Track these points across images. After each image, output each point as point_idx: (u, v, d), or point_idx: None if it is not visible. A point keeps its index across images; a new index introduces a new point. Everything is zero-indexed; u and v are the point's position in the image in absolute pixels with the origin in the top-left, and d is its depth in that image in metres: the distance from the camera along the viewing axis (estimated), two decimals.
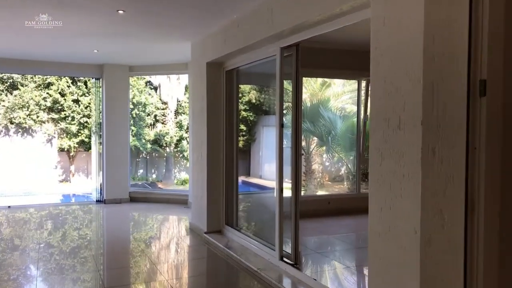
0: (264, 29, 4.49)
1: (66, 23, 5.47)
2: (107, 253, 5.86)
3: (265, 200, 7.41)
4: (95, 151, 9.59)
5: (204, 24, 5.50)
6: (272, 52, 4.76)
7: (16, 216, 7.86)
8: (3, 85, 18.17)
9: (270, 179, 7.84)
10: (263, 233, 5.48)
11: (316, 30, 3.99)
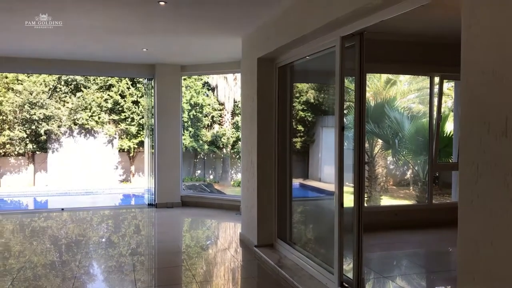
0: (320, 15, 3.84)
1: (107, 20, 5.20)
2: (152, 266, 5.48)
3: (323, 208, 6.72)
4: (147, 154, 9.38)
5: (253, 15, 4.95)
6: (330, 43, 4.09)
7: (74, 218, 7.79)
8: (67, 87, 18.80)
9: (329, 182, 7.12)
10: (320, 250, 4.82)
11: (383, 14, 3.29)
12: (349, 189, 4.02)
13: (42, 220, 7.82)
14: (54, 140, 18.80)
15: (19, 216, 8.35)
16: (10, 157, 18.55)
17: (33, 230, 7.09)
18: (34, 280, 4.70)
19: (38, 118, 17.84)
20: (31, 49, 7.23)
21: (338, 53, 3.94)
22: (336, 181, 4.01)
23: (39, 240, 6.42)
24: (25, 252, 5.73)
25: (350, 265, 4.03)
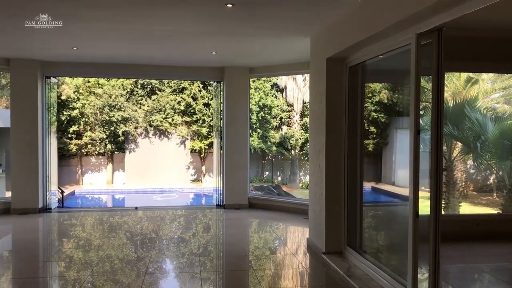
0: (394, 12, 3.61)
1: (178, 24, 5.31)
2: (220, 267, 5.51)
3: (396, 214, 6.37)
4: (216, 155, 9.52)
5: (323, 14, 4.79)
6: (405, 40, 3.84)
7: (148, 216, 8.10)
8: (143, 90, 19.71)
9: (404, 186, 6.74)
10: (392, 260, 4.55)
11: (466, 7, 3.00)
12: (425, 194, 3.75)
13: (119, 216, 8.20)
14: (131, 140, 19.78)
15: (98, 213, 8.84)
16: (91, 156, 19.79)
17: (110, 226, 7.45)
18: (111, 273, 4.92)
19: (116, 120, 18.86)
20: (111, 55, 7.62)
21: (413, 51, 3.68)
22: (411, 186, 3.76)
23: (116, 236, 6.75)
24: (103, 247, 6.05)
25: (425, 278, 3.75)
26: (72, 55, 7.58)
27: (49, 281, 4.84)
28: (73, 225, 7.61)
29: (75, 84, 18.67)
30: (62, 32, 5.79)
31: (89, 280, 4.67)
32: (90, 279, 4.68)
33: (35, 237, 6.98)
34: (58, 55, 7.69)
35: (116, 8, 4.64)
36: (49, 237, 7.07)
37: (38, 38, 6.23)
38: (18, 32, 5.80)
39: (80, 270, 5.01)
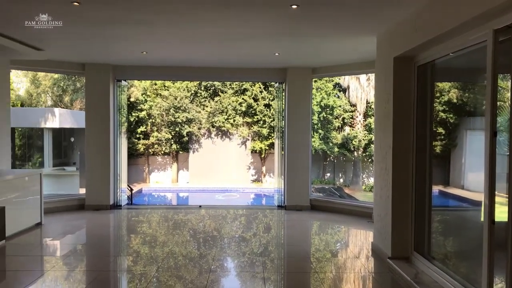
0: (470, 7, 3.41)
1: (242, 26, 5.37)
2: (281, 268, 5.51)
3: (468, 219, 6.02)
4: (277, 155, 9.53)
5: (390, 11, 4.64)
6: (481, 37, 3.62)
7: (210, 214, 8.29)
8: (207, 92, 20.20)
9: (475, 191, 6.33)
10: (463, 268, 4.31)
11: None
12: (500, 199, 3.51)
13: (183, 214, 8.45)
14: (194, 141, 20.36)
15: (164, 210, 9.16)
16: (158, 156, 20.60)
17: (175, 223, 7.69)
18: (175, 269, 5.09)
19: (181, 121, 19.49)
20: (177, 59, 7.88)
21: (490, 48, 3.46)
22: (487, 191, 3.53)
23: (180, 233, 6.96)
24: (168, 243, 6.26)
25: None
26: (141, 59, 7.92)
27: (119, 275, 5.08)
28: (140, 221, 7.94)
29: (143, 86, 19.55)
30: (133, 38, 6.08)
31: (154, 275, 4.85)
32: (156, 274, 4.86)
33: (107, 232, 7.38)
34: (128, 60, 8.08)
35: (182, 13, 4.78)
36: (119, 233, 7.44)
37: (112, 44, 6.58)
38: (95, 38, 6.16)
39: (146, 265, 5.22)
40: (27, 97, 21.94)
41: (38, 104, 22.04)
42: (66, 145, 20.28)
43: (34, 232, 6.70)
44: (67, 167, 18.62)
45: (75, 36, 5.98)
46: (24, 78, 21.72)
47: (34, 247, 6.08)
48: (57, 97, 22.23)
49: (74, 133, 19.53)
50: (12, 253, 5.65)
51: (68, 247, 6.25)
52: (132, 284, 4.72)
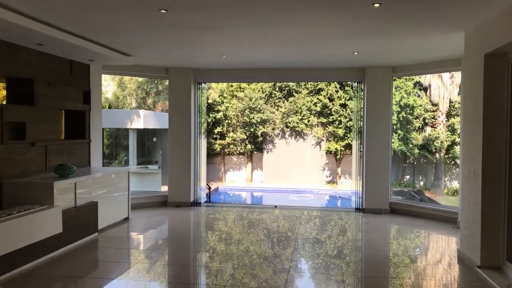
0: None
1: (319, 27, 5.32)
2: (358, 271, 5.39)
3: None
4: (355, 156, 9.32)
5: (481, 5, 4.34)
6: None
7: (284, 215, 8.33)
8: (281, 93, 20.28)
9: None
10: None
11: None
12: None
13: (257, 213, 8.56)
14: (268, 141, 20.54)
15: (238, 209, 9.35)
16: (233, 155, 21.07)
17: (250, 222, 7.82)
18: (250, 268, 5.17)
19: (256, 121, 19.77)
20: (254, 61, 8.01)
21: None
22: None
23: (255, 232, 7.07)
24: (243, 241, 6.39)
25: None
26: (220, 62, 8.16)
27: (198, 270, 5.27)
28: (217, 219, 8.18)
29: (220, 88, 20.11)
30: (214, 42, 6.28)
31: (230, 272, 4.96)
32: (231, 272, 4.97)
33: (187, 228, 7.69)
34: (208, 63, 8.36)
35: (261, 15, 4.84)
36: (197, 229, 7.72)
37: (194, 48, 6.84)
38: (178, 44, 6.45)
39: (222, 262, 5.37)
40: (114, 99, 23.51)
41: (124, 106, 23.52)
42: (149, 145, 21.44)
43: (122, 226, 7.16)
44: (149, 166, 19.68)
45: (161, 42, 6.31)
46: (112, 82, 23.30)
47: (122, 240, 6.49)
48: (141, 100, 23.57)
49: (156, 133, 20.59)
50: (103, 245, 6.09)
51: (151, 241, 6.60)
52: (209, 280, 4.87)
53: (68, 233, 5.60)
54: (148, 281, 4.85)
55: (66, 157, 6.76)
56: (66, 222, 5.47)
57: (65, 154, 6.74)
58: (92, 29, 5.49)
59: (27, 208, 4.96)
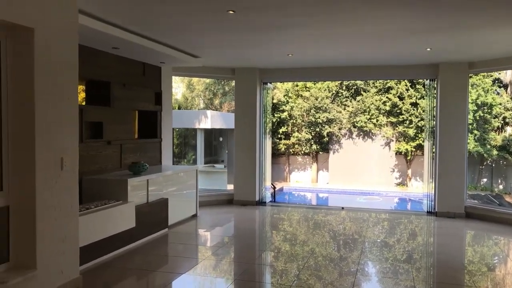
0: None
1: (390, 23, 5.13)
2: (430, 278, 5.13)
3: None
4: (427, 158, 8.89)
5: None
6: None
7: (351, 217, 8.15)
8: (348, 91, 19.87)
9: None
10: None
11: None
12: None
13: (323, 215, 8.44)
14: (334, 141, 20.21)
15: (303, 210, 9.28)
16: (298, 156, 20.97)
17: (315, 223, 7.73)
18: (315, 269, 5.11)
19: (321, 121, 19.53)
20: (320, 59, 7.92)
21: None
22: None
23: (320, 233, 6.98)
24: (308, 242, 6.34)
25: None
26: (286, 62, 8.15)
27: (263, 269, 5.29)
28: (281, 219, 8.18)
29: (285, 88, 20.10)
30: (281, 41, 6.29)
31: (295, 273, 4.93)
32: (296, 272, 4.94)
33: (252, 227, 7.77)
34: (274, 63, 8.39)
35: (329, 13, 4.77)
36: (262, 228, 7.77)
37: (260, 49, 6.90)
38: (245, 44, 6.53)
39: (287, 262, 5.35)
40: (183, 100, 24.35)
41: (192, 107, 24.28)
42: (215, 144, 21.96)
43: (190, 223, 7.38)
44: (216, 165, 20.15)
45: (228, 42, 6.42)
46: (181, 83, 24.15)
47: (191, 237, 6.69)
48: (208, 100, 24.21)
49: (223, 133, 21.03)
50: (173, 241, 6.32)
51: (218, 238, 6.75)
52: (274, 279, 4.88)
53: (141, 228, 5.87)
54: (215, 277, 4.96)
55: (139, 156, 7.09)
56: (139, 217, 5.74)
57: (138, 152, 7.07)
58: (163, 32, 5.72)
59: (104, 203, 5.27)
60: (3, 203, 3.63)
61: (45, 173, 3.77)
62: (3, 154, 3.64)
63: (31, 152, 3.66)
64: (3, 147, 3.63)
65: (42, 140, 3.73)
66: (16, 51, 3.65)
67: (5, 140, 3.64)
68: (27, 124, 3.67)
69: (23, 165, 3.69)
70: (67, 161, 4.01)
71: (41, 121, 3.71)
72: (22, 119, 3.68)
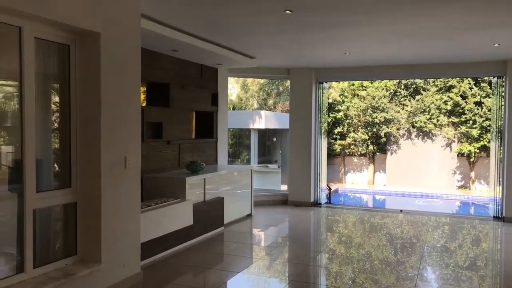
0: None
1: (451, 19, 4.90)
2: (496, 286, 4.84)
3: None
4: (493, 160, 8.40)
5: None
6: None
7: (409, 220, 7.88)
8: (407, 90, 19.21)
9: None
10: None
11: None
12: None
13: (379, 217, 8.21)
14: (392, 142, 19.62)
15: (359, 212, 9.08)
16: (354, 156, 20.57)
17: (371, 226, 7.53)
18: (371, 272, 4.98)
19: (379, 121, 19.03)
20: (378, 58, 7.71)
21: None
22: None
23: (376, 236, 6.79)
24: (364, 245, 6.18)
25: None
26: (342, 61, 8.02)
27: (318, 271, 5.23)
28: (337, 220, 8.05)
29: (341, 87, 19.79)
30: (337, 40, 6.20)
31: (350, 276, 4.85)
32: (352, 276, 4.85)
33: (306, 228, 7.71)
34: (330, 62, 8.28)
35: (388, 10, 4.64)
36: (317, 230, 7.69)
37: (316, 48, 6.84)
38: (301, 44, 6.51)
39: (342, 265, 5.28)
40: (237, 101, 24.66)
41: (247, 107, 24.52)
42: (269, 144, 22.04)
43: (245, 222, 7.45)
44: (270, 165, 20.21)
45: (284, 42, 6.42)
46: (236, 84, 24.46)
47: (246, 236, 6.76)
48: (262, 101, 24.35)
49: (276, 133, 21.07)
50: (228, 239, 6.41)
51: (272, 238, 6.76)
52: (329, 282, 4.82)
53: (198, 225, 6.00)
54: (269, 277, 4.97)
55: (196, 155, 7.27)
56: (196, 215, 5.87)
57: (195, 152, 7.25)
58: (220, 33, 5.82)
59: (163, 200, 5.44)
60: (71, 199, 3.85)
61: (109, 171, 3.95)
62: (71, 152, 3.86)
63: (97, 151, 3.86)
64: (71, 146, 3.85)
65: (107, 139, 3.92)
66: (83, 55, 3.87)
67: (74, 139, 3.86)
68: (93, 124, 3.86)
69: (89, 163, 3.89)
70: (130, 159, 4.18)
71: (106, 121, 3.90)
72: (89, 119, 3.88)
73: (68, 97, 3.83)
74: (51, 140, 3.98)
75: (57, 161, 3.99)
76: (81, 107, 3.88)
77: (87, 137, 3.88)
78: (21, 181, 3.39)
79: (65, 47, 3.79)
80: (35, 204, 3.48)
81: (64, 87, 3.85)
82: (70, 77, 3.83)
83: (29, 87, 3.41)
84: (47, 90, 3.89)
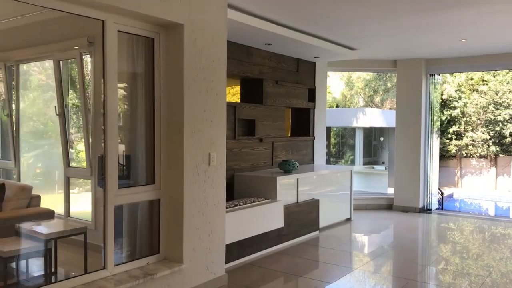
0: None
1: None
2: None
3: None
4: None
5: None
6: None
7: None
8: None
9: None
10: None
11: None
12: None
13: (503, 228, 7.13)
14: None
15: (477, 220, 8.04)
16: (472, 158, 18.61)
17: (492, 236, 6.58)
18: (491, 286, 4.28)
19: (502, 119, 16.95)
20: (499, 44, 6.65)
21: None
22: None
23: (499, 248, 5.86)
24: (483, 257, 5.39)
25: None
26: (458, 49, 7.08)
27: (426, 287, 4.56)
28: (450, 229, 7.16)
29: (457, 82, 18.01)
30: (452, 23, 5.40)
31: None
32: None
33: (414, 236, 6.90)
34: (443, 51, 7.35)
35: None
36: (427, 239, 6.85)
37: (427, 35, 6.07)
38: (408, 31, 5.82)
39: (457, 277, 4.60)
40: (341, 99, 23.85)
41: (351, 105, 23.61)
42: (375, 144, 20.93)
43: (343, 227, 6.91)
44: (376, 166, 19.16)
45: (389, 31, 5.78)
46: (340, 81, 23.67)
47: (343, 242, 6.22)
48: (368, 98, 23.25)
49: (384, 132, 19.91)
50: (323, 245, 5.95)
51: (373, 246, 6.15)
52: None
53: (289, 228, 5.65)
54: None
55: (291, 154, 6.92)
56: (288, 217, 5.53)
57: (290, 150, 6.91)
58: (317, 24, 5.40)
59: (253, 200, 5.19)
60: (154, 196, 3.75)
61: (193, 168, 3.79)
62: (155, 149, 3.76)
63: (180, 148, 3.71)
64: (155, 142, 3.76)
65: (191, 135, 3.75)
66: (167, 47, 3.74)
67: (158, 136, 3.76)
68: (176, 120, 3.72)
69: (173, 160, 3.76)
70: (214, 157, 3.98)
71: (189, 117, 3.73)
72: (173, 115, 3.75)
73: (152, 92, 3.74)
74: (136, 136, 3.92)
75: (141, 157, 3.93)
76: (165, 103, 3.76)
77: (170, 133, 3.76)
78: (103, 178, 3.35)
79: (150, 41, 3.70)
80: (116, 200, 3.42)
81: (148, 82, 3.77)
82: (154, 71, 3.73)
83: (112, 82, 3.35)
84: (132, 85, 3.84)
